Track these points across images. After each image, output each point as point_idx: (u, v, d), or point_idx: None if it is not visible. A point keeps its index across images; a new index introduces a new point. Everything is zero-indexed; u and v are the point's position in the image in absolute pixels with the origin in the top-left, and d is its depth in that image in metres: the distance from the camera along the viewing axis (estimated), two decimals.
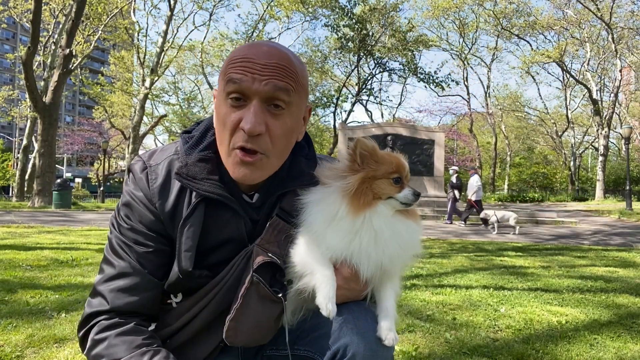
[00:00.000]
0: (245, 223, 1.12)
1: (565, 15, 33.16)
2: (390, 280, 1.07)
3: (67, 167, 49.87)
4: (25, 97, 26.24)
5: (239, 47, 1.07)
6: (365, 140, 1.05)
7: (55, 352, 2.28)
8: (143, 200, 1.10)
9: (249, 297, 1.04)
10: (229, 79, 1.02)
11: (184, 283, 1.10)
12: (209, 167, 1.10)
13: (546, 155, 50.18)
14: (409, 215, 1.08)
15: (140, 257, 1.09)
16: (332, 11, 26.41)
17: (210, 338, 1.11)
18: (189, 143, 1.14)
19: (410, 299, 3.49)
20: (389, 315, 1.04)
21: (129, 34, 27.90)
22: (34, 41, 15.54)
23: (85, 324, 1.09)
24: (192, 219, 1.07)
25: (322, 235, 1.02)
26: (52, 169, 17.21)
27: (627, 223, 13.66)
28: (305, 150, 1.23)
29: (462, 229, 11.41)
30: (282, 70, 1.02)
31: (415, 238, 1.08)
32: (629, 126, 22.68)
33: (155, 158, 1.15)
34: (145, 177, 1.11)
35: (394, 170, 1.04)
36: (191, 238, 1.07)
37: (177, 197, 1.10)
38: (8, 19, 35.85)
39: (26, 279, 3.96)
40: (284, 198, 1.14)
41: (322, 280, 1.01)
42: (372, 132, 16.48)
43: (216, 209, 1.10)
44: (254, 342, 1.10)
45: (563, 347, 2.51)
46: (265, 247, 1.09)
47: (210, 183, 1.08)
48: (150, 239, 1.10)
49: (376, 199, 1.03)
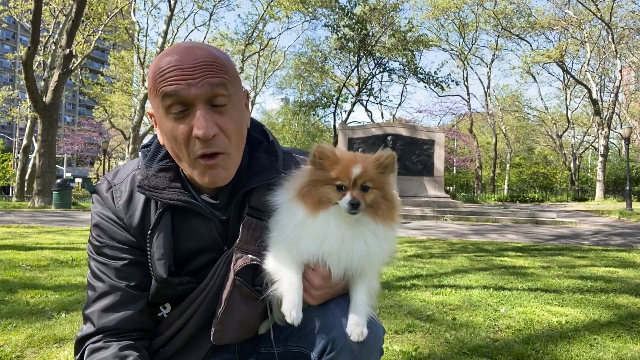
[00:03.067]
0: (215, 225, 1.14)
1: (565, 15, 33.15)
2: (362, 277, 1.08)
3: (67, 167, 49.89)
4: (25, 97, 26.25)
5: (157, 57, 1.04)
6: (324, 146, 1.06)
7: (55, 352, 2.28)
8: (112, 217, 1.12)
9: (232, 300, 1.07)
10: (163, 94, 1.00)
11: (166, 292, 1.11)
12: (170, 175, 1.11)
13: (546, 156, 50.19)
14: (377, 218, 1.07)
15: (119, 272, 1.10)
16: (332, 11, 26.43)
17: (202, 342, 1.13)
18: (147, 156, 1.15)
19: (410, 299, 3.49)
20: (357, 310, 1.05)
21: (129, 34, 27.89)
22: (34, 41, 15.53)
23: (78, 349, 1.12)
24: (159, 228, 1.09)
25: (294, 240, 1.04)
26: (52, 169, 17.20)
27: (627, 223, 13.66)
28: (265, 145, 1.22)
29: (462, 229, 11.40)
30: (211, 67, 1.01)
31: (383, 241, 1.08)
32: (629, 126, 22.70)
33: (119, 176, 1.17)
34: (110, 195, 1.13)
35: (335, 177, 1.04)
36: (162, 246, 1.08)
37: (143, 210, 1.11)
38: (8, 19, 35.84)
39: (26, 279, 3.96)
40: (251, 196, 1.15)
41: (288, 287, 1.03)
42: (372, 132, 16.47)
43: (183, 216, 1.12)
44: (240, 338, 1.14)
45: (563, 347, 2.51)
46: (244, 248, 1.10)
47: (173, 191, 1.09)
48: (125, 251, 1.11)
49: (326, 203, 1.04)
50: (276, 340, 1.14)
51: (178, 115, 1.01)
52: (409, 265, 4.96)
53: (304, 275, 1.07)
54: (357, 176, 1.03)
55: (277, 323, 1.15)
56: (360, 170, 1.03)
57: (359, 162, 1.05)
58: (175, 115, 1.01)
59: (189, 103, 1.00)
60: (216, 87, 1.00)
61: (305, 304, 1.07)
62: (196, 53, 1.01)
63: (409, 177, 15.89)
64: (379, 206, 1.07)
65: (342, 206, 1.02)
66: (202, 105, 1.00)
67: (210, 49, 1.05)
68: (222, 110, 1.03)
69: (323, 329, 1.05)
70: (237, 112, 1.07)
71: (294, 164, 1.18)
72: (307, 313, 1.05)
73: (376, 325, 1.07)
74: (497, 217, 13.38)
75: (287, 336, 1.13)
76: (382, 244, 1.07)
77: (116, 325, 1.09)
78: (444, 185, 17.09)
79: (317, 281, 1.06)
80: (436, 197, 15.72)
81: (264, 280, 1.10)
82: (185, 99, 0.99)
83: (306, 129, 41.46)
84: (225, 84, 1.02)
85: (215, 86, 1.00)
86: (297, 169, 1.13)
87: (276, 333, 1.15)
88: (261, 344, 1.18)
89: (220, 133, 1.03)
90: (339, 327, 1.03)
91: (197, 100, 1.00)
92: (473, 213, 14.03)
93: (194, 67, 0.99)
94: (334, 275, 1.05)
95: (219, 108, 1.03)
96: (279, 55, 37.26)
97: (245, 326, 1.12)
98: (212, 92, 1.00)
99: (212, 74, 1.00)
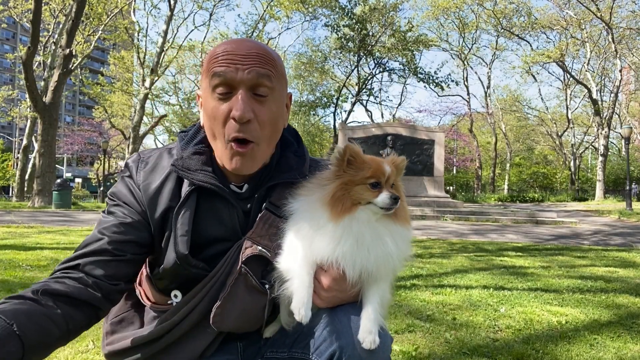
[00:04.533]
0: (238, 214, 1.17)
1: (565, 15, 33.16)
2: (376, 284, 1.07)
3: (67, 167, 49.87)
4: (25, 97, 26.25)
5: (217, 45, 1.12)
6: (353, 145, 1.06)
7: (55, 352, 2.28)
8: (129, 182, 1.18)
9: (236, 287, 1.09)
10: (213, 74, 1.07)
11: (182, 271, 1.12)
12: (203, 159, 1.17)
13: (546, 155, 50.18)
14: (396, 219, 1.08)
15: (117, 227, 1.11)
16: (332, 11, 26.45)
17: (207, 330, 1.13)
18: (184, 140, 1.22)
19: (410, 299, 3.49)
20: (370, 318, 1.03)
21: (129, 34, 27.89)
22: (34, 41, 15.52)
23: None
24: (186, 206, 1.13)
25: (308, 242, 1.04)
26: (52, 169, 17.20)
27: (627, 223, 13.66)
28: (294, 147, 1.28)
29: (462, 228, 11.41)
30: (262, 58, 1.08)
31: (401, 242, 1.08)
32: (629, 126, 22.68)
33: (149, 153, 1.24)
34: (136, 165, 1.20)
35: (370, 175, 1.04)
36: (186, 223, 1.11)
37: (161, 183, 1.16)
38: (8, 19, 35.89)
39: (26, 279, 3.96)
40: (273, 192, 1.18)
41: (298, 285, 1.03)
42: (372, 132, 16.47)
43: (209, 199, 1.15)
44: (241, 329, 1.14)
45: (563, 347, 2.51)
46: (257, 240, 1.13)
47: (204, 174, 1.14)
48: (131, 213, 1.15)
49: (355, 205, 1.04)
50: (282, 345, 1.13)
51: (222, 96, 1.08)
52: (409, 265, 4.96)
53: (315, 276, 1.07)
54: (389, 174, 1.06)
55: (283, 327, 1.15)
56: (391, 168, 1.06)
57: (387, 161, 1.08)
58: (219, 96, 1.08)
59: (234, 86, 1.07)
60: (262, 77, 1.07)
61: (314, 307, 1.05)
62: (250, 45, 1.10)
63: (409, 177, 15.89)
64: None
65: (381, 202, 1.03)
66: (245, 91, 1.07)
67: (265, 46, 1.13)
68: (263, 100, 1.09)
69: (331, 336, 1.03)
70: (276, 107, 1.13)
71: (319, 169, 1.20)
72: (315, 319, 1.04)
73: (385, 335, 1.06)
74: (497, 217, 13.39)
75: (293, 342, 1.12)
76: (399, 244, 1.07)
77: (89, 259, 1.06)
78: (444, 185, 17.10)
79: (327, 282, 1.06)
80: (436, 197, 15.73)
81: (273, 277, 1.10)
82: (231, 81, 1.06)
83: (306, 129, 41.43)
84: (271, 77, 1.09)
85: (261, 76, 1.07)
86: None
87: (282, 338, 1.14)
88: (266, 348, 1.17)
89: (255, 120, 1.08)
90: (348, 335, 1.02)
91: (242, 84, 1.07)
92: (473, 213, 14.04)
93: (246, 55, 1.07)
94: (349, 277, 1.03)
95: (260, 97, 1.09)
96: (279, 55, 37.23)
97: (246, 316, 1.11)
98: (257, 81, 1.07)
99: (261, 65, 1.08)
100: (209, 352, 1.14)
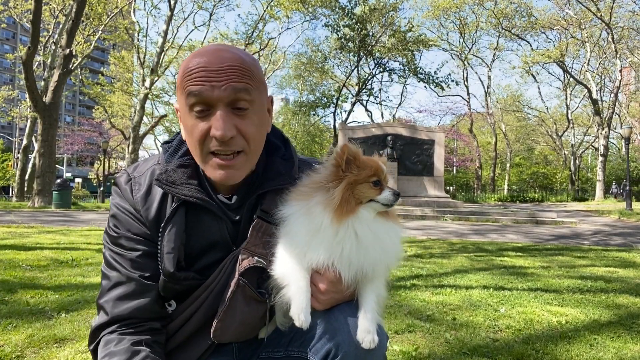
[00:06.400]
0: (227, 225, 1.15)
1: (565, 15, 33.14)
2: (371, 283, 1.08)
3: (67, 167, 49.88)
4: (25, 97, 26.24)
5: (188, 57, 1.07)
6: (351, 145, 1.06)
7: (55, 352, 2.28)
8: (129, 209, 1.14)
9: (235, 300, 1.08)
10: (188, 93, 1.03)
11: (171, 286, 1.12)
12: (188, 172, 1.14)
13: (546, 155, 50.17)
14: (389, 217, 1.10)
15: (134, 262, 1.12)
16: (332, 11, 26.44)
17: (203, 339, 1.14)
18: (168, 152, 1.18)
19: (410, 299, 3.49)
20: (367, 317, 1.04)
21: (129, 34, 27.87)
22: (34, 41, 15.52)
23: (93, 339, 1.13)
24: (172, 222, 1.11)
25: (305, 247, 1.04)
26: (52, 169, 17.19)
27: (627, 223, 13.66)
28: (282, 151, 1.25)
29: (463, 229, 11.40)
30: (237, 71, 1.03)
31: (396, 240, 1.10)
32: (629, 126, 22.67)
33: (139, 170, 1.19)
34: (129, 188, 1.16)
35: (372, 174, 1.06)
36: (172, 240, 1.10)
37: (160, 204, 1.13)
38: (8, 19, 35.81)
39: (26, 279, 3.96)
40: (264, 199, 1.17)
41: (296, 291, 1.03)
42: (372, 132, 16.48)
43: (197, 213, 1.13)
44: (240, 338, 1.15)
45: (563, 347, 2.51)
46: (252, 250, 1.11)
47: (189, 187, 1.11)
48: (140, 243, 1.13)
49: (358, 204, 1.05)
50: (278, 344, 1.14)
51: (200, 114, 1.04)
52: (409, 265, 4.96)
53: (311, 280, 1.07)
54: (385, 172, 1.08)
55: (278, 328, 1.15)
56: (386, 166, 1.09)
57: (381, 160, 1.11)
58: (197, 114, 1.04)
59: (211, 104, 1.03)
60: (239, 92, 1.03)
61: (312, 309, 1.06)
62: (224, 56, 1.04)
63: (409, 177, 15.90)
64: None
65: (385, 199, 1.05)
66: (223, 108, 1.03)
67: (240, 53, 1.07)
68: (244, 114, 1.06)
69: (327, 333, 1.04)
70: (258, 117, 1.09)
71: (310, 170, 1.19)
72: (311, 318, 1.05)
73: (382, 333, 1.07)
74: (497, 217, 13.38)
75: (289, 341, 1.13)
76: (395, 242, 1.09)
77: (130, 314, 1.10)
78: (444, 185, 17.10)
79: (324, 286, 1.06)
80: (436, 197, 15.73)
81: (269, 284, 1.10)
82: (208, 99, 1.02)
83: (306, 129, 41.45)
84: (249, 89, 1.05)
85: (239, 91, 1.03)
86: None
87: (278, 338, 1.14)
88: (261, 349, 1.18)
89: (239, 135, 1.05)
90: (344, 333, 1.03)
91: (219, 102, 1.03)
92: (473, 213, 14.03)
93: (219, 70, 1.02)
94: (345, 278, 1.04)
95: (240, 111, 1.05)
96: (279, 55, 37.24)
97: (245, 327, 1.12)
98: (235, 96, 1.03)
99: (237, 79, 1.03)
100: (204, 357, 1.15)
